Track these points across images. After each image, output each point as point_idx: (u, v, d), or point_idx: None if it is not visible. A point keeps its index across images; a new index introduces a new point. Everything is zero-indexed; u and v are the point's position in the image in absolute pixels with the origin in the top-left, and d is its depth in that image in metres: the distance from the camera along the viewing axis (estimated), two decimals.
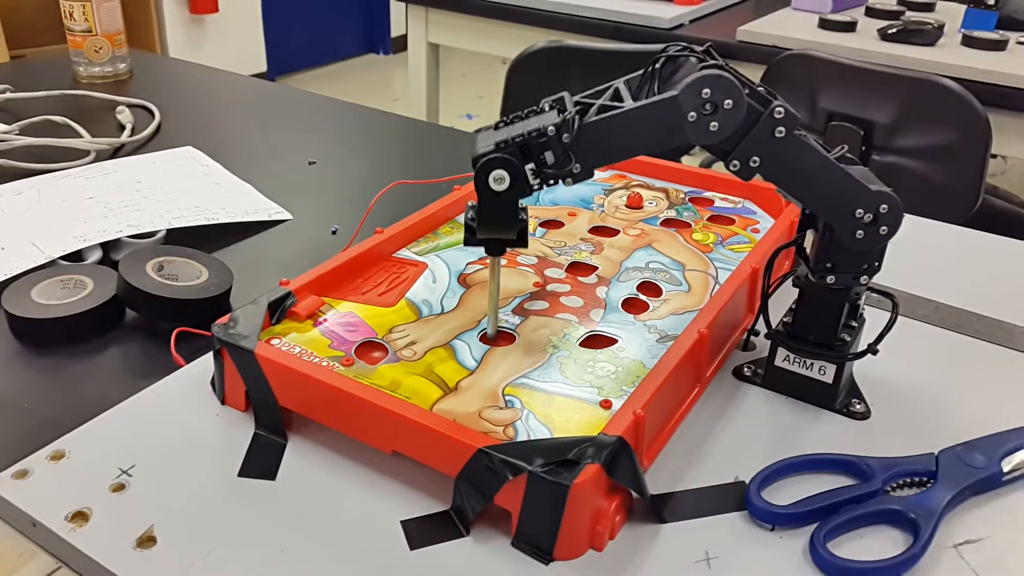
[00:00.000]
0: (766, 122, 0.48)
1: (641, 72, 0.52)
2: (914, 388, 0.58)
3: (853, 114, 1.36)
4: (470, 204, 0.54)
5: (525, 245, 0.54)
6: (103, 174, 0.87)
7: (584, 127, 0.48)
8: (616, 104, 0.49)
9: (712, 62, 0.49)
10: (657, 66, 0.52)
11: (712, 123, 0.47)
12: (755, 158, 0.48)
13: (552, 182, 0.50)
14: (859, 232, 0.51)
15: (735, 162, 0.49)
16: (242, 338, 0.53)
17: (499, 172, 0.49)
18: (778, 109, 0.47)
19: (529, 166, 0.49)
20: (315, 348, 0.54)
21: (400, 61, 4.47)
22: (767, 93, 0.48)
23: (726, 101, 0.46)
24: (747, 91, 0.47)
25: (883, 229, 0.51)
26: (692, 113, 0.47)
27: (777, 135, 0.48)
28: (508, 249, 0.53)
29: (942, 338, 0.65)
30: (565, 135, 0.48)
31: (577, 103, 0.51)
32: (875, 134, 1.35)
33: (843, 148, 0.51)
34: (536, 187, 0.50)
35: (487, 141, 0.50)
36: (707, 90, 0.46)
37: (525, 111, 0.51)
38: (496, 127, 0.51)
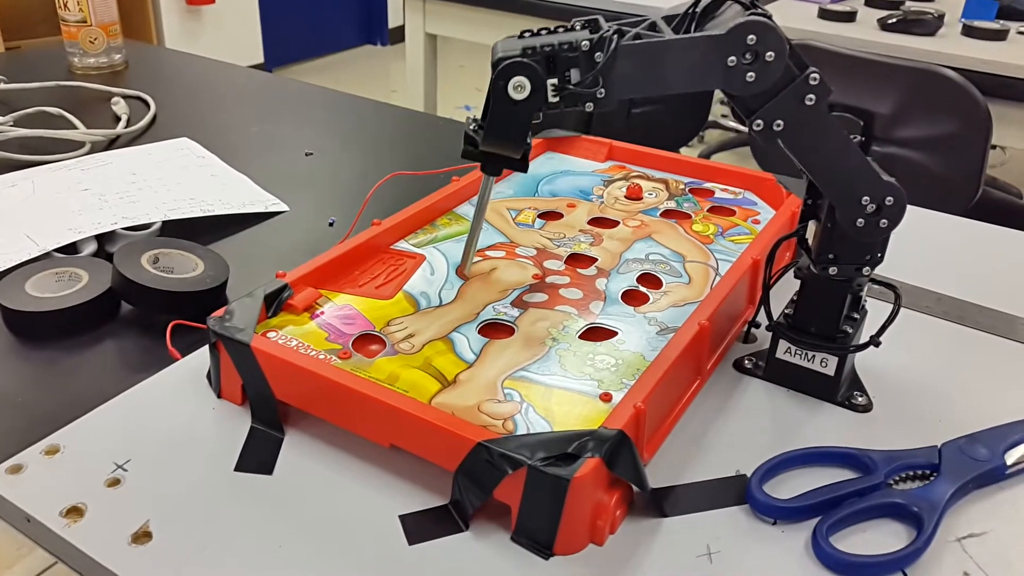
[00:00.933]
0: (799, 86, 0.46)
1: (682, 13, 0.51)
2: (916, 380, 0.58)
3: (853, 104, 1.35)
4: (472, 117, 0.50)
5: (525, 169, 0.51)
6: (98, 166, 0.86)
7: (621, 48, 0.46)
8: (655, 34, 0.47)
9: (759, 11, 0.47)
10: (697, 9, 0.50)
11: (749, 73, 0.45)
12: (779, 122, 0.47)
13: (571, 105, 0.47)
14: (860, 220, 0.50)
15: (759, 122, 0.47)
16: (238, 331, 0.52)
17: (520, 79, 0.46)
18: (813, 76, 0.46)
19: (552, 80, 0.46)
20: (312, 341, 0.54)
21: (398, 52, 4.45)
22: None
23: (768, 53, 0.45)
24: (788, 48, 0.46)
25: (883, 222, 0.50)
26: (732, 58, 0.45)
27: (807, 102, 0.47)
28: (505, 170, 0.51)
29: (944, 330, 0.64)
30: (598, 53, 0.45)
31: (611, 27, 0.48)
32: (875, 124, 1.34)
33: (856, 138, 0.51)
34: (554, 104, 0.46)
35: (511, 46, 0.47)
36: (752, 37, 0.45)
37: (554, 26, 0.48)
38: (520, 36, 0.48)
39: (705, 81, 0.47)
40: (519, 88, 0.46)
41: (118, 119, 1.03)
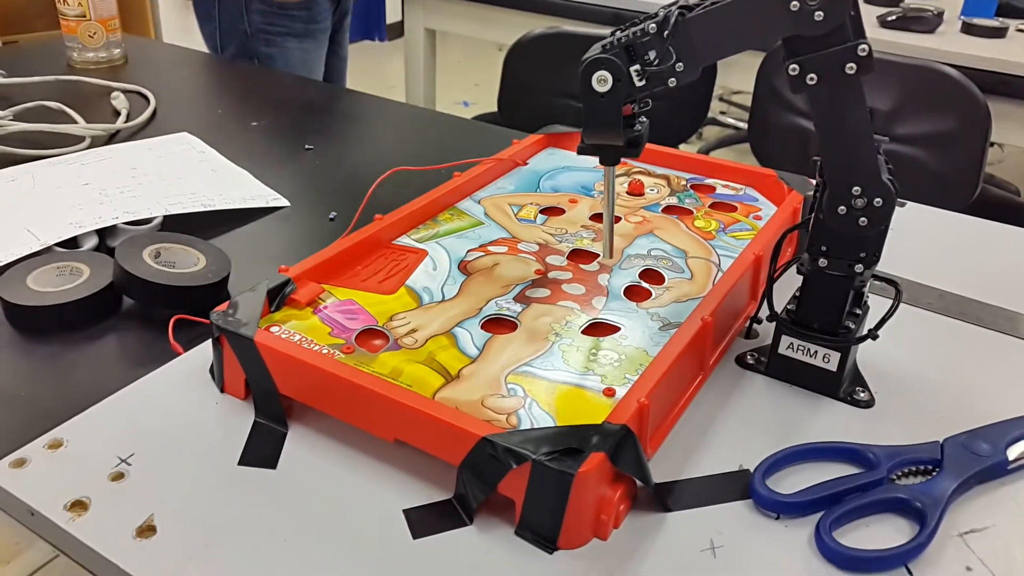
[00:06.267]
0: (846, 52, 0.47)
1: None
2: (918, 376, 0.58)
3: None
4: None
5: (636, 155, 0.54)
6: (98, 160, 0.86)
7: (687, 22, 0.49)
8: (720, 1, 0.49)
9: None
10: None
11: (817, 12, 0.46)
12: (813, 76, 0.48)
13: (658, 84, 0.50)
14: (842, 208, 0.51)
15: (794, 67, 0.48)
16: (241, 325, 0.52)
17: (602, 72, 0.50)
18: (863, 47, 0.46)
19: (634, 67, 0.50)
20: (315, 336, 0.54)
21: (396, 48, 4.44)
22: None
23: None
24: (852, 13, 0.46)
25: (863, 220, 0.50)
26: (795, 3, 0.46)
27: (847, 70, 0.47)
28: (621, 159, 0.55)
29: (946, 326, 0.64)
30: (666, 32, 0.49)
31: (684, 6, 0.51)
32: (874, 121, 1.35)
33: (886, 139, 0.51)
34: (641, 87, 0.50)
35: (595, 48, 0.51)
36: None
37: (643, 17, 0.52)
38: (612, 34, 0.52)
39: (776, 31, 0.48)
40: (602, 81, 0.50)
41: (118, 114, 1.02)
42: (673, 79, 0.50)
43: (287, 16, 1.42)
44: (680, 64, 0.49)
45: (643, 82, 0.50)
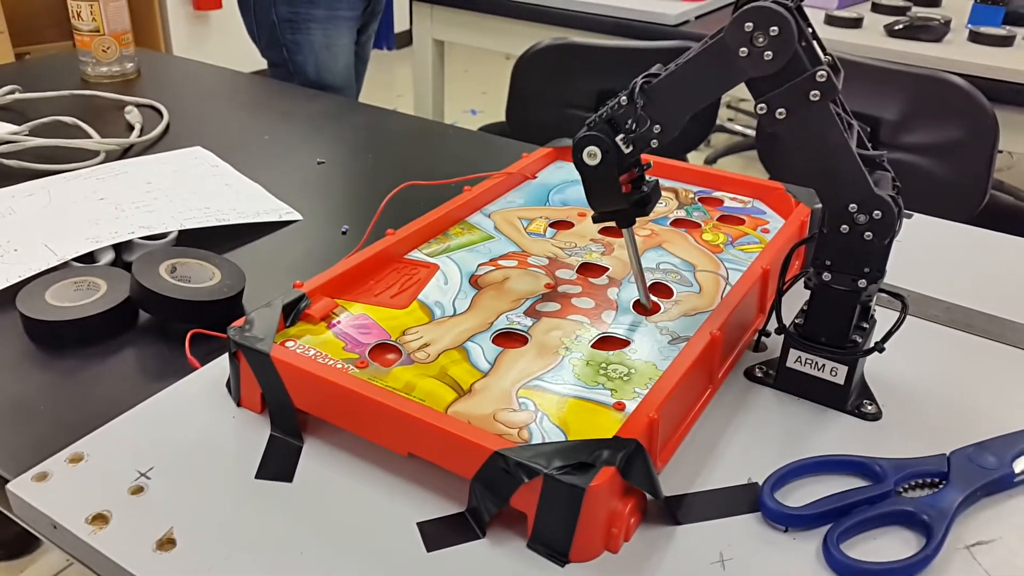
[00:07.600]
0: (806, 81, 0.48)
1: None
2: (925, 389, 0.59)
3: (859, 111, 1.36)
4: None
5: (647, 214, 0.58)
6: (113, 175, 0.87)
7: (652, 88, 0.52)
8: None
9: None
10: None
11: (766, 53, 0.48)
12: (782, 110, 0.50)
13: (643, 147, 0.53)
14: (844, 227, 0.52)
15: (763, 105, 0.50)
16: (258, 340, 0.53)
17: (590, 148, 0.54)
18: (821, 73, 0.48)
19: (619, 136, 0.53)
20: (329, 350, 0.54)
21: (403, 57, 4.46)
22: (825, 55, 0.50)
23: (771, 28, 0.48)
24: (803, 44, 0.48)
25: (868, 234, 0.51)
26: (743, 48, 0.48)
27: (812, 98, 0.48)
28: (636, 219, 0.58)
29: (953, 338, 0.65)
30: (636, 100, 0.52)
31: (649, 74, 0.54)
32: (881, 131, 1.35)
33: (884, 154, 0.52)
34: (630, 153, 0.54)
35: (584, 127, 0.54)
36: (749, 23, 0.48)
37: (620, 92, 0.55)
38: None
39: (734, 78, 0.50)
40: (592, 155, 0.54)
41: (131, 128, 1.04)
42: (655, 140, 0.53)
43: (309, 3, 1.50)
44: (657, 126, 0.53)
45: (630, 148, 0.54)
